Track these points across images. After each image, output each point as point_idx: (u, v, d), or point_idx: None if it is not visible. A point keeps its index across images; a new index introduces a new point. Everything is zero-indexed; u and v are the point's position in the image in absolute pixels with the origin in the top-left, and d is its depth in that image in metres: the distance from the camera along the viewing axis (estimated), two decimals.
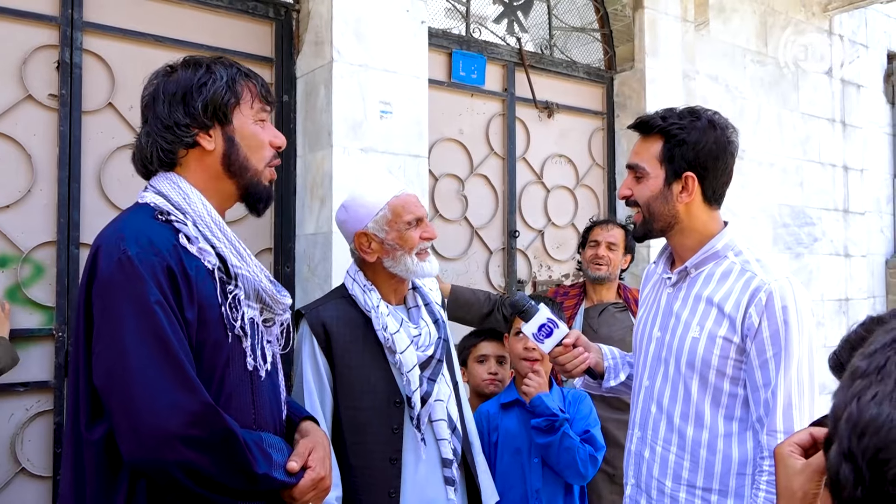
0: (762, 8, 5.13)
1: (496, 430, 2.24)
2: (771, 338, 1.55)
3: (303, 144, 3.08)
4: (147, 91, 1.45)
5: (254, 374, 1.42)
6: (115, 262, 1.26)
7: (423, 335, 1.91)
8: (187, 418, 1.22)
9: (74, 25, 2.63)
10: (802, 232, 5.37)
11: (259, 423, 1.42)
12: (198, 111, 1.39)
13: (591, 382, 1.97)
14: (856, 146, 5.88)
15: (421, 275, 1.93)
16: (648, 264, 1.97)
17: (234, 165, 1.44)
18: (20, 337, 2.50)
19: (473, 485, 1.97)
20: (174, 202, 1.38)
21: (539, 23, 4.16)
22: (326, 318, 1.89)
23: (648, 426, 1.74)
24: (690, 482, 1.65)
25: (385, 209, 1.89)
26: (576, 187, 4.24)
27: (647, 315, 1.83)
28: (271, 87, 3.08)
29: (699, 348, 1.62)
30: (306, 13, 3.09)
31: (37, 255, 2.56)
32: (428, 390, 1.85)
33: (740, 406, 1.62)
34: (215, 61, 1.46)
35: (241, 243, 1.45)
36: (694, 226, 1.69)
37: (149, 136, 1.43)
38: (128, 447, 1.23)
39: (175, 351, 1.24)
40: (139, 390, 1.22)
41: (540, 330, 1.78)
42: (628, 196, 1.74)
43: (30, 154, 2.54)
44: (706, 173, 1.65)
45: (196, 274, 1.33)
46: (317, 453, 1.44)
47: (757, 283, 1.58)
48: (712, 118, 1.68)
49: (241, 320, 1.39)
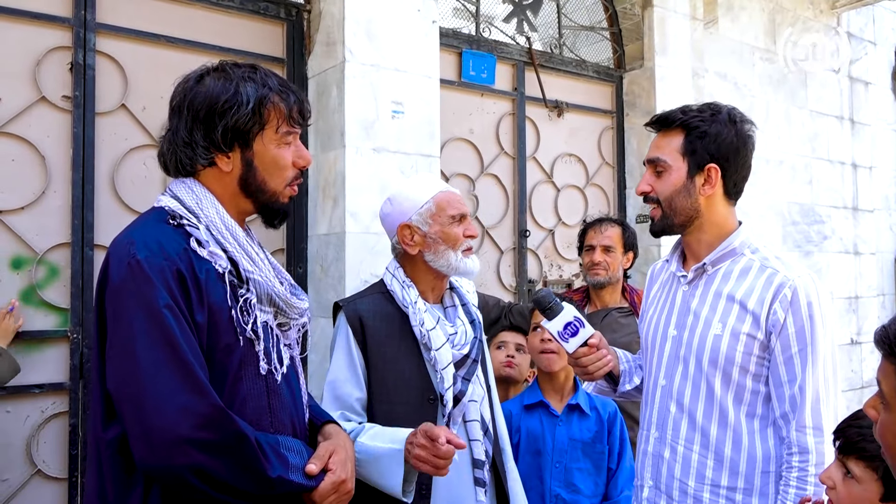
0: (770, 5, 5.11)
1: (518, 431, 2.23)
2: (797, 333, 1.55)
3: (315, 145, 3.07)
4: (176, 95, 1.43)
5: (269, 377, 1.40)
6: (125, 267, 1.26)
7: (460, 334, 1.91)
8: (198, 421, 1.21)
9: (87, 27, 2.63)
10: (812, 230, 5.36)
11: (276, 426, 1.40)
12: (217, 136, 1.38)
13: (605, 387, 1.94)
14: (864, 143, 5.86)
15: (463, 271, 1.93)
16: (653, 264, 1.95)
17: (251, 187, 1.43)
18: (35, 339, 2.50)
19: (502, 490, 1.97)
20: (188, 206, 1.38)
21: (548, 22, 4.16)
22: (363, 311, 1.90)
23: (668, 426, 1.71)
24: (715, 481, 1.63)
25: (430, 203, 1.91)
26: (586, 186, 4.23)
27: (659, 314, 1.81)
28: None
29: (722, 345, 1.61)
30: (317, 13, 3.09)
31: (51, 256, 2.56)
32: (462, 389, 1.85)
33: (762, 403, 1.61)
34: (248, 76, 1.41)
35: (254, 247, 1.44)
36: (714, 220, 1.69)
37: (171, 144, 1.42)
38: (140, 453, 1.22)
39: (184, 354, 1.23)
40: (149, 394, 1.21)
41: (566, 329, 1.74)
42: (648, 192, 1.73)
43: (44, 156, 2.54)
44: (728, 165, 1.65)
45: (206, 277, 1.32)
46: (338, 455, 1.42)
47: (781, 280, 1.58)
48: (731, 112, 1.68)
49: (254, 324, 1.37)
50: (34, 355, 2.50)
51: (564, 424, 2.22)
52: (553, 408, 2.24)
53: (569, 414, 2.23)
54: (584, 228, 3.02)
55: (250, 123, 1.38)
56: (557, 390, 2.27)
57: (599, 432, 2.22)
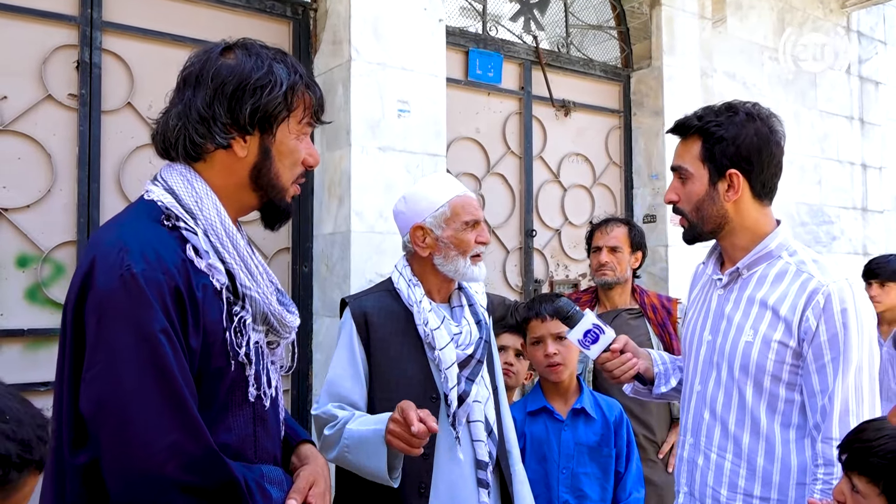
0: (780, 5, 5.08)
1: (522, 436, 2.19)
2: (829, 342, 1.49)
3: (321, 143, 3.07)
4: (192, 65, 1.27)
5: (257, 403, 1.29)
6: (117, 280, 1.11)
7: (464, 334, 1.90)
8: (185, 461, 1.10)
9: (94, 25, 2.63)
10: (821, 230, 5.32)
11: (259, 454, 1.30)
12: (245, 115, 1.23)
13: (641, 389, 1.91)
14: (874, 144, 5.82)
15: (469, 278, 1.93)
16: (697, 264, 1.90)
17: (263, 179, 1.30)
18: (40, 336, 2.50)
19: (507, 493, 1.95)
20: (185, 204, 1.23)
21: (556, 21, 4.14)
22: (369, 308, 1.89)
23: (702, 433, 1.68)
24: (747, 491, 1.58)
25: (445, 206, 1.90)
26: (593, 186, 4.21)
27: (696, 317, 1.77)
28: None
29: (753, 352, 1.57)
30: (324, 12, 3.08)
31: (57, 254, 2.56)
32: (466, 389, 1.84)
33: (797, 412, 1.55)
34: (279, 58, 1.29)
35: (254, 258, 1.31)
36: (745, 224, 1.63)
37: (179, 119, 1.25)
38: (116, 487, 1.10)
39: (179, 387, 1.11)
40: (135, 427, 1.08)
41: (586, 336, 1.74)
42: (675, 201, 1.70)
43: (50, 154, 2.54)
44: (751, 167, 1.60)
45: (203, 295, 1.19)
46: (317, 488, 1.33)
47: (814, 285, 1.52)
48: (750, 111, 1.62)
49: (247, 346, 1.25)
50: (40, 353, 2.50)
51: (570, 429, 2.19)
52: (557, 412, 2.21)
53: (574, 418, 2.20)
54: (591, 230, 3.00)
55: (280, 107, 1.25)
56: (561, 394, 2.24)
57: (606, 436, 2.19)
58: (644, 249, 2.92)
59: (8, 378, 2.42)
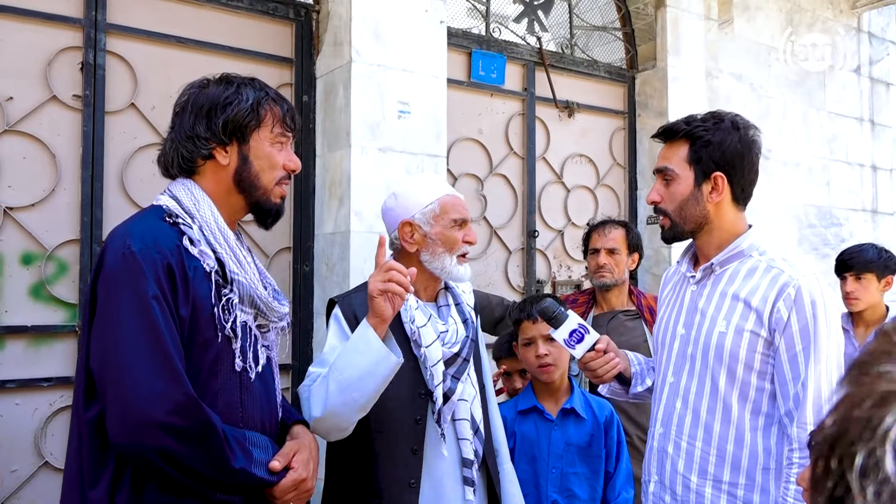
0: (788, 5, 5.05)
1: (512, 436, 2.21)
2: (800, 332, 1.58)
3: (322, 144, 3.10)
4: (180, 100, 1.55)
5: (243, 374, 1.48)
6: (119, 257, 1.35)
7: (451, 332, 1.93)
8: (171, 407, 1.29)
9: (98, 27, 2.67)
10: (829, 233, 5.28)
11: (247, 422, 1.48)
12: (218, 127, 1.48)
13: (618, 389, 1.99)
14: (885, 145, 5.76)
15: (455, 277, 1.96)
16: (668, 267, 1.97)
17: (245, 182, 1.53)
18: (44, 333, 2.55)
19: (494, 492, 1.97)
20: (185, 206, 1.47)
21: (560, 22, 4.14)
22: (357, 306, 1.92)
23: (672, 422, 1.75)
24: (717, 477, 1.66)
25: (434, 204, 1.94)
26: (596, 187, 4.21)
27: (669, 313, 1.85)
28: (291, 88, 3.11)
29: (726, 342, 1.65)
30: (326, 14, 3.11)
31: (60, 252, 2.60)
32: (451, 387, 1.86)
33: (767, 400, 1.64)
34: (248, 82, 1.55)
35: (243, 251, 1.53)
36: (723, 225, 1.74)
37: (173, 142, 1.53)
38: (114, 430, 1.30)
39: (166, 344, 1.32)
40: (130, 378, 1.29)
41: (571, 336, 1.81)
42: (658, 202, 1.78)
43: (54, 154, 2.59)
44: (734, 172, 1.70)
45: (194, 274, 1.41)
46: (301, 455, 1.51)
47: (785, 279, 1.61)
48: (734, 119, 1.73)
49: (233, 323, 1.45)
50: (43, 349, 2.55)
51: (560, 429, 2.20)
52: (547, 412, 2.22)
53: (564, 418, 2.21)
54: (587, 232, 3.00)
55: (248, 118, 1.50)
56: (552, 394, 2.25)
57: (596, 436, 2.20)
58: (640, 251, 2.95)
59: (11, 374, 2.49)
